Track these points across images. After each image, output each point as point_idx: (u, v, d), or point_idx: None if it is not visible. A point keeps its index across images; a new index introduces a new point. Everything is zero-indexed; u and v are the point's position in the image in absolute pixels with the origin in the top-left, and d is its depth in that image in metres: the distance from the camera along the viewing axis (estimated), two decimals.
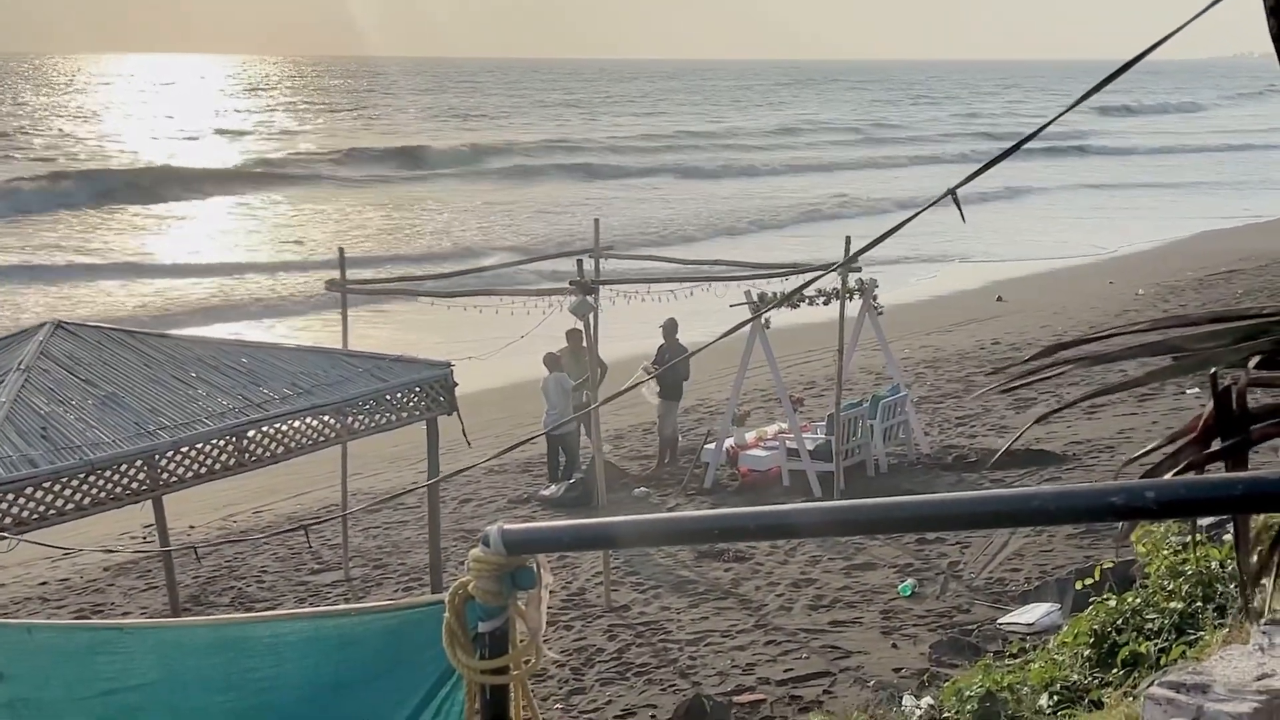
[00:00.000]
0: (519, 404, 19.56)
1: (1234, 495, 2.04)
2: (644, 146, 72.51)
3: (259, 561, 14.95)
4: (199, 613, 13.35)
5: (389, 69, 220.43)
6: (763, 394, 20.19)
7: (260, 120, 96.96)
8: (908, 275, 33.58)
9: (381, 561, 14.74)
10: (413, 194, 55.63)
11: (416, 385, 10.48)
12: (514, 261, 16.37)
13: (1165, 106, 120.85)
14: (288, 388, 9.69)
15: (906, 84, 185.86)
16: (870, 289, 16.97)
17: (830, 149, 75.44)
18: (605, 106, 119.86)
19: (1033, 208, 51.53)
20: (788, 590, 12.79)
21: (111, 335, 9.94)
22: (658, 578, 13.44)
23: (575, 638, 11.95)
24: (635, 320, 18.35)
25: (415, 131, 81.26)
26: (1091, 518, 2.18)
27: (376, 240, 42.57)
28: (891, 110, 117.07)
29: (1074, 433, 17.21)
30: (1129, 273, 32.66)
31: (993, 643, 10.64)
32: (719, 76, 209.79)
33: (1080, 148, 74.87)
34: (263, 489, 17.23)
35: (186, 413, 9.14)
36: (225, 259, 38.21)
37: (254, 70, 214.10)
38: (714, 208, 50.67)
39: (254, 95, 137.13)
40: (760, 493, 16.09)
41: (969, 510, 2.26)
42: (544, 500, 16.57)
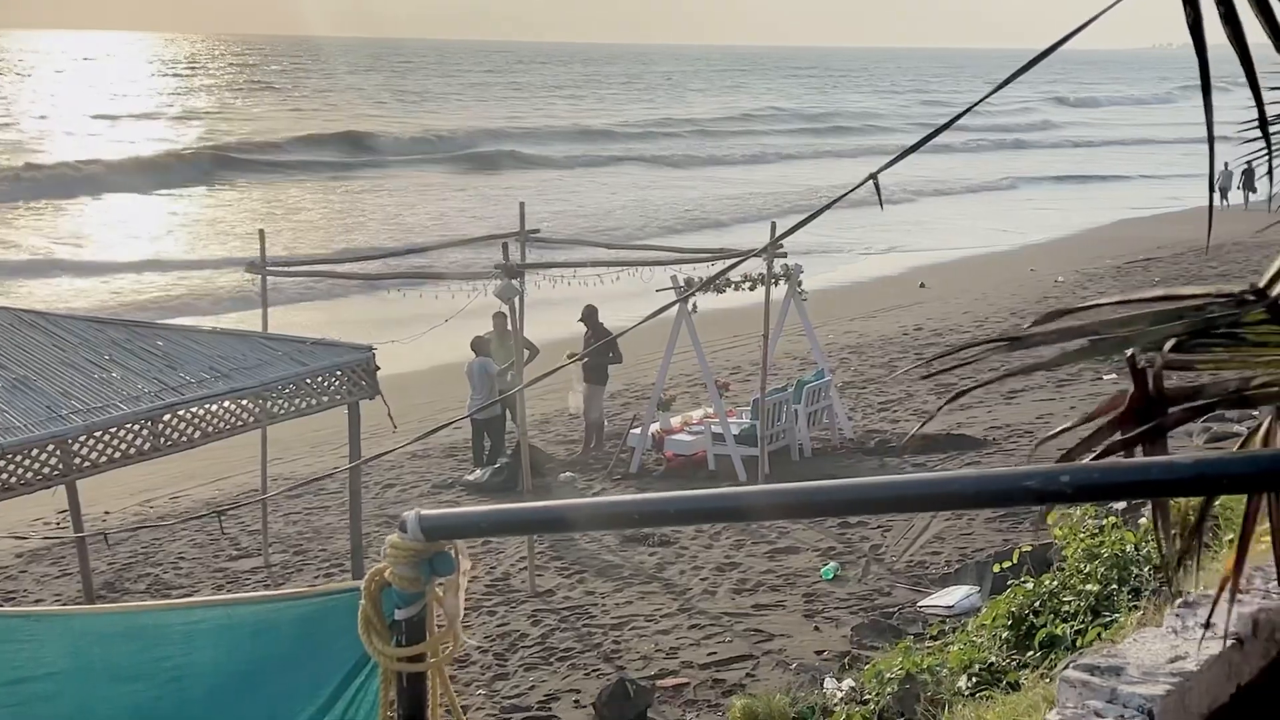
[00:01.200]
0: (444, 388, 19.43)
1: (1148, 480, 2.05)
2: (608, 133, 71.68)
3: (176, 547, 14.71)
4: (113, 600, 13.11)
5: (326, 48, 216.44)
6: (688, 379, 20.22)
7: (190, 103, 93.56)
8: (833, 261, 33.83)
9: (302, 547, 14.57)
10: (356, 183, 54.58)
11: (338, 369, 10.34)
12: (439, 244, 16.21)
13: (1117, 99, 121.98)
14: (205, 371, 9.50)
15: (853, 71, 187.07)
16: (795, 275, 17.04)
17: (787, 136, 75.66)
18: (548, 91, 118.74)
19: (960, 199, 52.15)
20: (712, 574, 12.83)
21: (23, 317, 9.70)
22: (583, 562, 13.41)
23: (499, 623, 11.90)
24: (563, 304, 18.31)
25: (356, 116, 79.29)
26: (1008, 502, 2.18)
27: (315, 234, 41.29)
28: (851, 97, 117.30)
29: (994, 417, 17.44)
30: (1049, 260, 33.15)
31: (913, 625, 10.76)
32: (659, 61, 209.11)
33: (1018, 141, 76.21)
34: (181, 474, 16.96)
35: (100, 396, 8.94)
36: (148, 255, 36.16)
37: (181, 49, 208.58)
38: (676, 197, 50.31)
39: (185, 76, 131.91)
40: (686, 477, 16.12)
41: (888, 494, 2.25)
42: (469, 485, 16.47)
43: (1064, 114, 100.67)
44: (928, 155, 56.92)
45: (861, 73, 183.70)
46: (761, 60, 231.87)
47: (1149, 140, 75.94)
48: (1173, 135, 73.61)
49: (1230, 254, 29.16)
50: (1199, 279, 27.78)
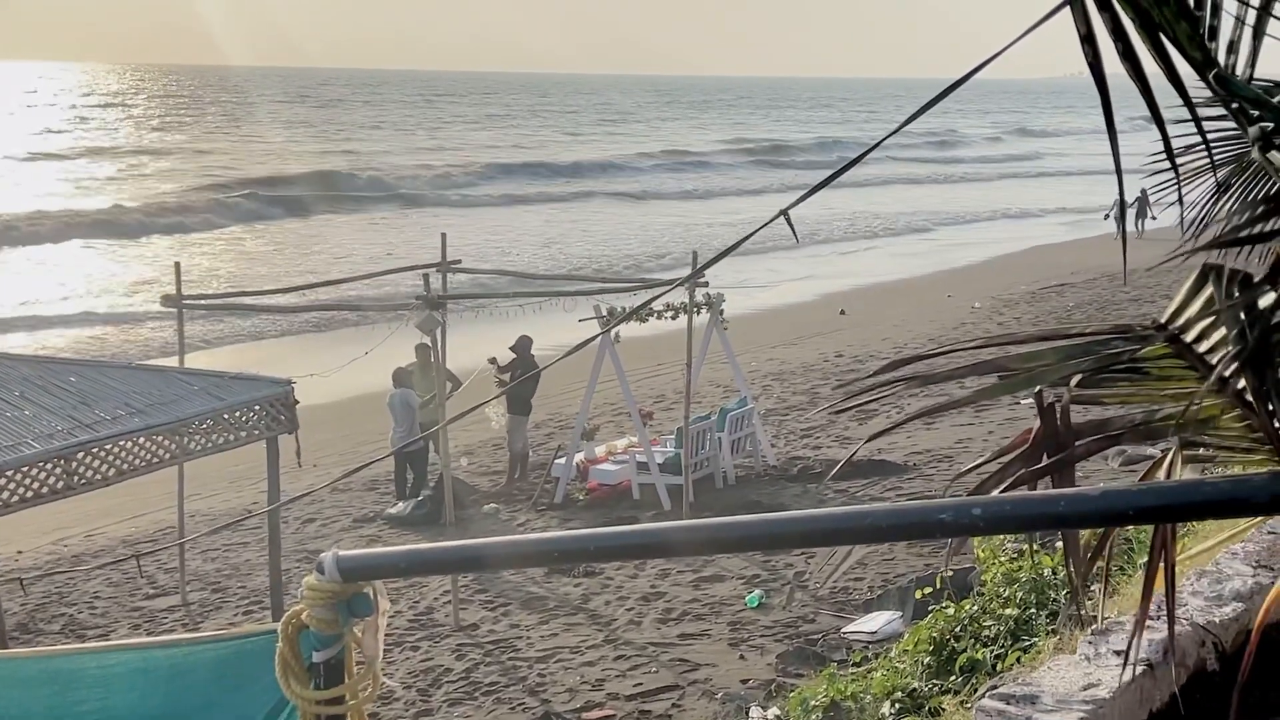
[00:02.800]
0: (363, 421, 19.27)
1: (1056, 512, 2.10)
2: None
3: (91, 587, 14.38)
4: (27, 642, 12.79)
5: (242, 77, 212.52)
6: (613, 408, 20.24)
7: (106, 142, 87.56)
8: (753, 290, 34.07)
9: (220, 585, 14.33)
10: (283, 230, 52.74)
11: (256, 403, 10.22)
12: (358, 276, 16.09)
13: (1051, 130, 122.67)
14: (120, 407, 9.35)
15: (788, 101, 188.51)
16: (717, 304, 17.15)
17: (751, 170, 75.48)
18: (476, 122, 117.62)
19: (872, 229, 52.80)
20: (637, 604, 12.82)
21: None
22: (507, 594, 13.33)
23: (422, 658, 11.78)
24: (485, 336, 18.25)
25: (277, 154, 77.38)
26: (922, 535, 2.21)
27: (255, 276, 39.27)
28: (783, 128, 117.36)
29: (914, 443, 17.63)
30: (965, 286, 33.64)
31: (838, 651, 10.83)
32: (584, 92, 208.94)
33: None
34: (96, 511, 16.60)
35: (12, 434, 8.76)
36: (79, 306, 33.18)
37: (96, 79, 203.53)
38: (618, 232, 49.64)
39: (103, 108, 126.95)
40: (611, 507, 16.11)
41: (803, 529, 2.29)
42: (391, 519, 16.32)
43: (1021, 144, 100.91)
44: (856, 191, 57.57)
45: (808, 102, 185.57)
46: (707, 90, 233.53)
47: (1084, 171, 76.92)
48: (1104, 166, 74.48)
49: (1142, 279, 29.80)
50: (1113, 304, 28.38)
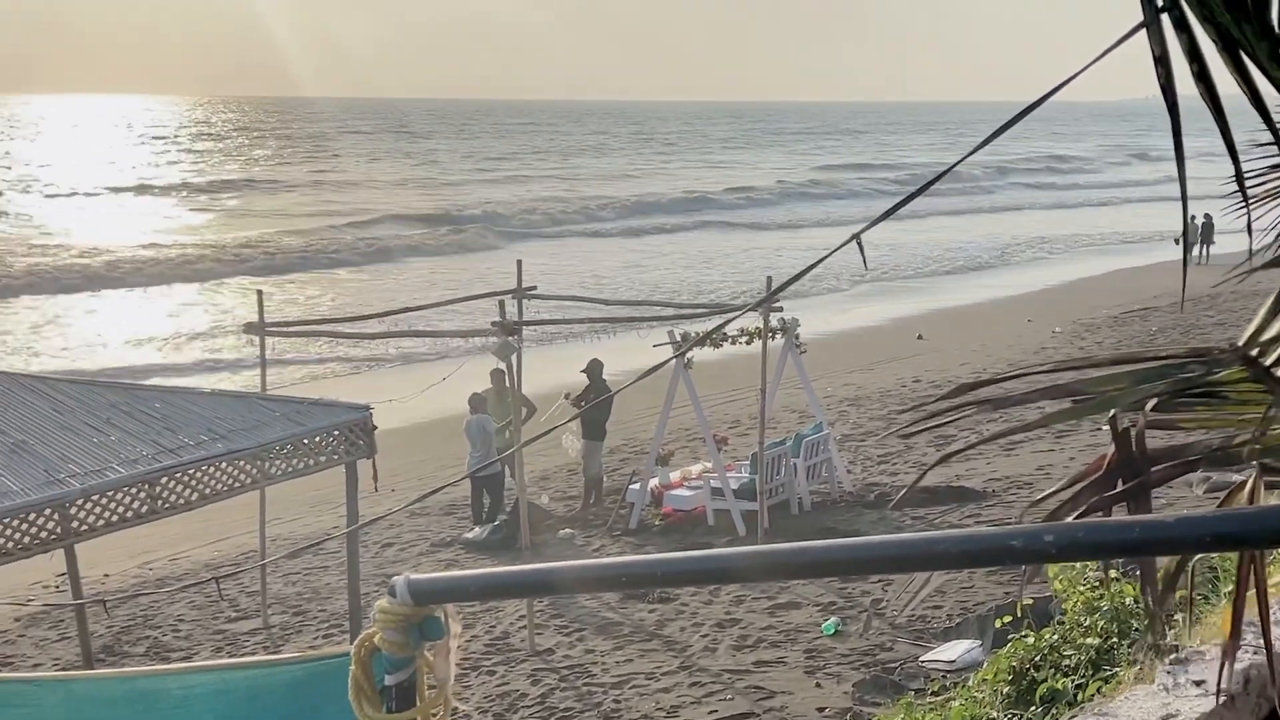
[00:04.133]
0: (442, 446, 19.42)
1: (1130, 539, 2.06)
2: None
3: (175, 610, 14.64)
4: (112, 663, 13.04)
5: (327, 109, 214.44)
6: (687, 433, 20.22)
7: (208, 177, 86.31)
8: (831, 313, 33.93)
9: (301, 608, 14.50)
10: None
11: (335, 429, 10.35)
12: (438, 303, 16.26)
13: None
14: (203, 433, 9.51)
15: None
16: (792, 328, 17.09)
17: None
18: (597, 151, 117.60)
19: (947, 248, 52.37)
20: (712, 631, 12.77)
21: (21, 382, 9.73)
22: (582, 620, 13.35)
23: (498, 683, 11.82)
24: (560, 361, 18.36)
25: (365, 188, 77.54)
26: (992, 562, 2.18)
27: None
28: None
29: (993, 469, 17.42)
30: (1045, 310, 33.22)
31: (915, 680, 10.70)
32: (665, 119, 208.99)
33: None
34: (180, 535, 16.91)
35: (98, 459, 8.94)
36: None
37: (189, 112, 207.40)
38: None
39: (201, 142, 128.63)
40: (685, 533, 16.09)
41: (872, 555, 2.26)
42: (468, 543, 16.42)
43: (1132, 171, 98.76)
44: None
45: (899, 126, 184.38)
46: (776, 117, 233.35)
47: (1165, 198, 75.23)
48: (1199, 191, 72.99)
49: (1228, 304, 29.22)
50: (1197, 328, 27.84)
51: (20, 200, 68.19)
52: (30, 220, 60.85)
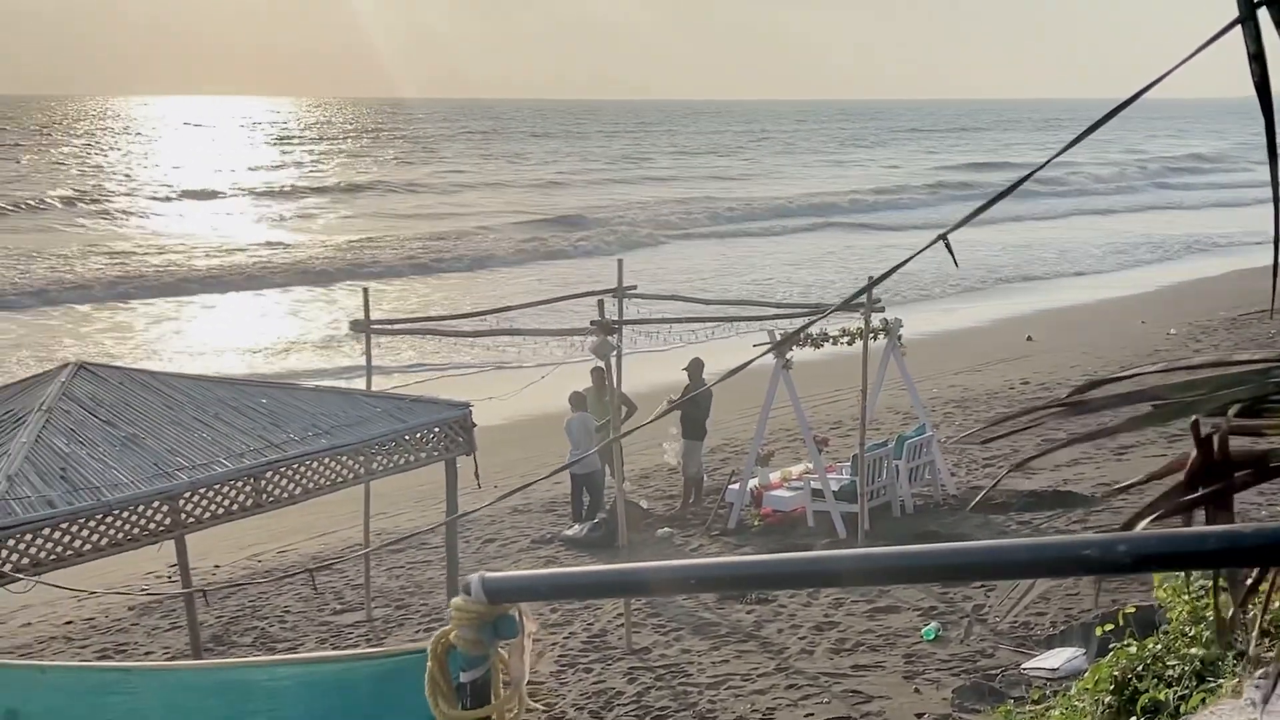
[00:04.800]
0: (543, 443, 19.56)
1: (1206, 549, 2.01)
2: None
3: (282, 601, 14.95)
4: (220, 653, 13.36)
5: (434, 111, 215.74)
6: (789, 434, 20.10)
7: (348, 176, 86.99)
8: (939, 314, 33.51)
9: (404, 602, 14.71)
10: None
11: (436, 425, 10.49)
12: (538, 302, 16.40)
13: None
14: (307, 428, 9.71)
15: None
16: (895, 329, 16.90)
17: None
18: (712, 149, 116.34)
19: (1062, 244, 51.39)
20: (810, 633, 12.68)
21: (133, 376, 10.01)
22: (680, 619, 13.35)
23: (595, 680, 11.87)
24: (660, 360, 18.39)
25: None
26: (1065, 571, 2.14)
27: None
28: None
29: (1102, 474, 17.05)
30: (1161, 312, 32.42)
31: (1016, 688, 10.51)
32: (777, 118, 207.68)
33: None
34: (288, 528, 17.28)
35: (206, 453, 9.18)
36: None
37: (318, 114, 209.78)
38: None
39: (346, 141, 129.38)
40: (785, 534, 16.00)
41: (942, 563, 2.23)
42: (567, 540, 16.52)
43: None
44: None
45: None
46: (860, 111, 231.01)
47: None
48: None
49: None
50: None
51: (135, 202, 69.41)
52: (146, 222, 62.02)
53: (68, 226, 58.22)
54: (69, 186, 73.66)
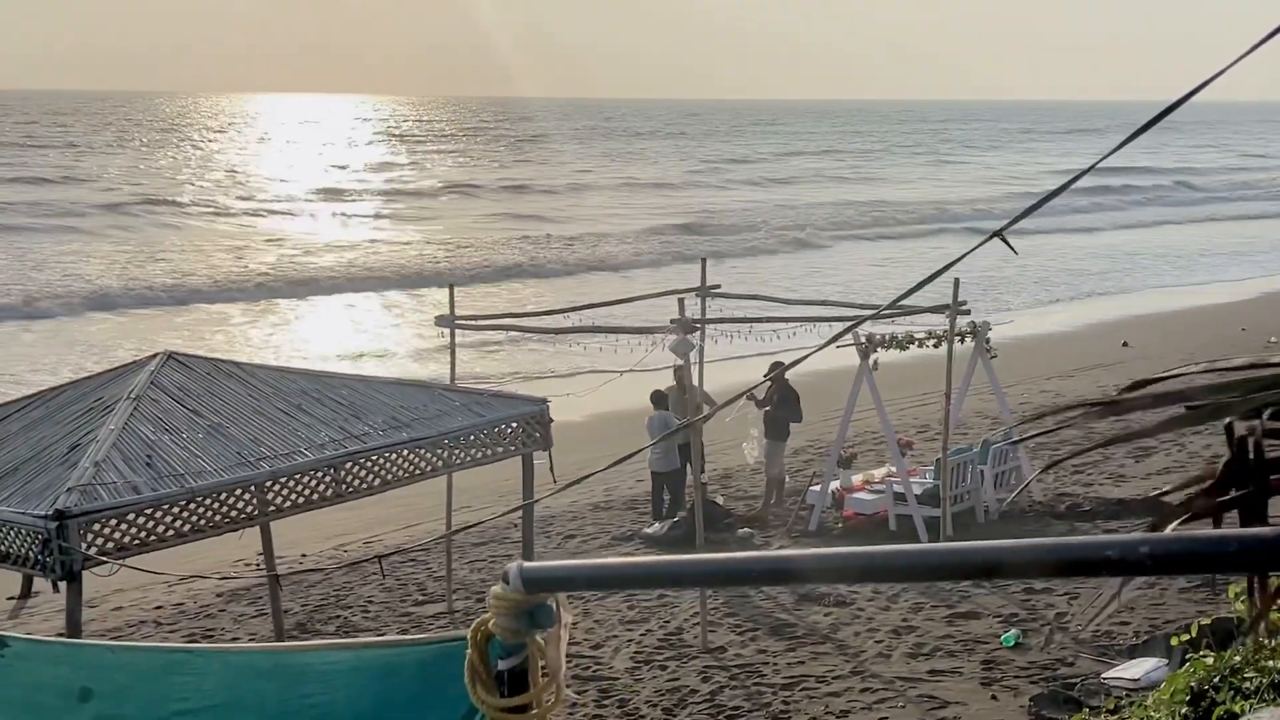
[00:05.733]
0: (625, 441, 19.60)
1: (1229, 553, 1.98)
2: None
3: (366, 591, 15.18)
4: (304, 640, 13.61)
5: (545, 111, 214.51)
6: (874, 436, 19.94)
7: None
8: (1033, 317, 33.01)
9: (484, 594, 14.80)
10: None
11: (514, 420, 10.59)
12: (620, 300, 16.46)
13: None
14: (387, 421, 9.86)
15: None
16: (983, 332, 16.69)
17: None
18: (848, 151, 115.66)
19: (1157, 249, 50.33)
20: (887, 637, 12.59)
21: (221, 367, 10.24)
22: (756, 619, 13.32)
23: (669, 678, 11.89)
24: (742, 359, 18.35)
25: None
26: (1087, 572, 2.12)
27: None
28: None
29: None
30: (1261, 318, 31.58)
31: (1095, 697, 10.33)
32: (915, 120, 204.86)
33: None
34: (374, 519, 17.53)
35: (288, 443, 9.36)
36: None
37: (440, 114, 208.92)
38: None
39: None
40: (866, 536, 15.88)
41: (960, 561, 2.22)
42: (647, 538, 16.57)
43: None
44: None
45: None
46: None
47: None
48: None
49: None
50: None
51: (234, 202, 68.51)
52: (242, 222, 61.22)
53: (182, 223, 58.52)
54: (191, 184, 74.07)
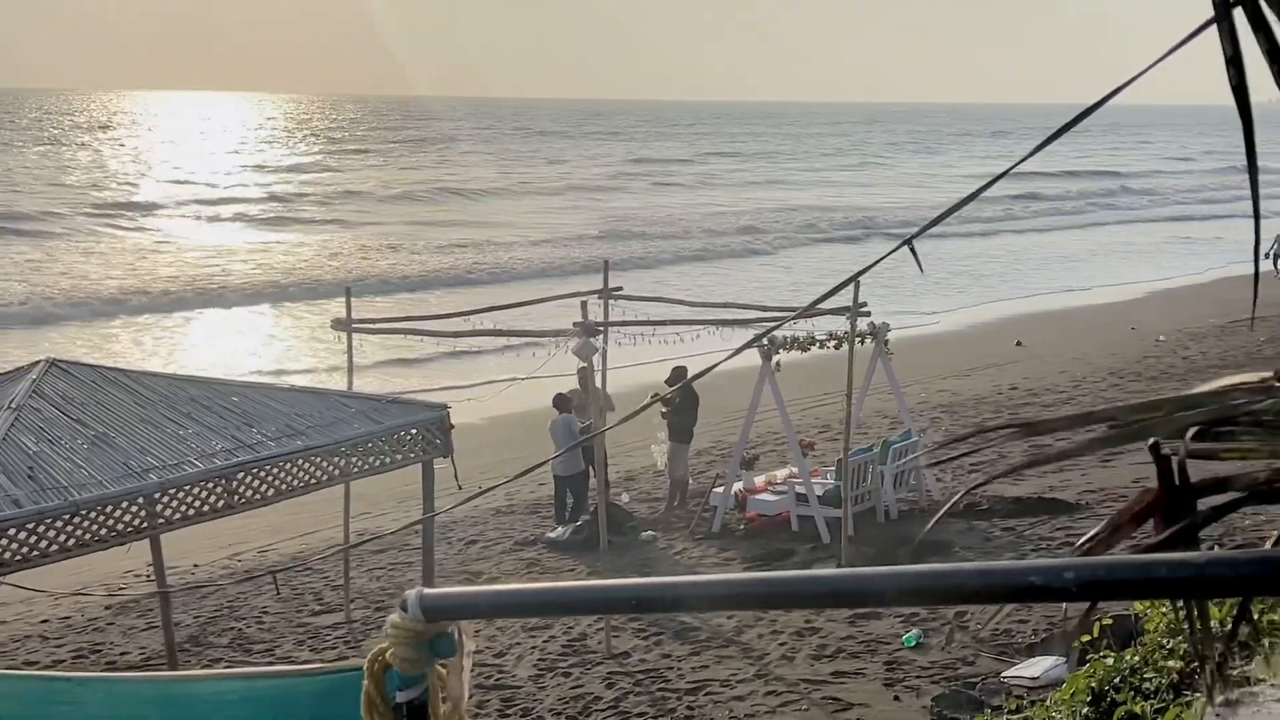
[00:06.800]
0: (530, 445, 19.45)
1: (1156, 578, 1.91)
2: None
3: (260, 602, 14.82)
4: (197, 653, 13.25)
5: (445, 110, 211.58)
6: (776, 437, 20.01)
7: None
8: (928, 318, 33.44)
9: (384, 604, 14.58)
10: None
11: (413, 427, 10.38)
12: (521, 303, 16.28)
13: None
14: (280, 429, 9.59)
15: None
16: (882, 333, 16.81)
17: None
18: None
19: (1051, 249, 51.41)
20: (791, 639, 12.59)
21: (106, 375, 9.89)
22: (660, 624, 13.24)
23: (573, 685, 11.77)
24: (645, 361, 18.29)
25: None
26: (1010, 598, 2.04)
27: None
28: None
29: (1088, 481, 16.98)
30: (1149, 317, 32.37)
31: (996, 696, 10.41)
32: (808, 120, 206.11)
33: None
34: (270, 527, 17.16)
35: (177, 453, 9.06)
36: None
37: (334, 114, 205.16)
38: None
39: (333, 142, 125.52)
40: (769, 538, 15.91)
41: (887, 586, 2.14)
42: (550, 542, 16.42)
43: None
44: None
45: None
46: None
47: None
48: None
49: None
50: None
51: (117, 208, 63.52)
52: (159, 229, 57.68)
53: (68, 232, 55.80)
54: (71, 187, 70.85)
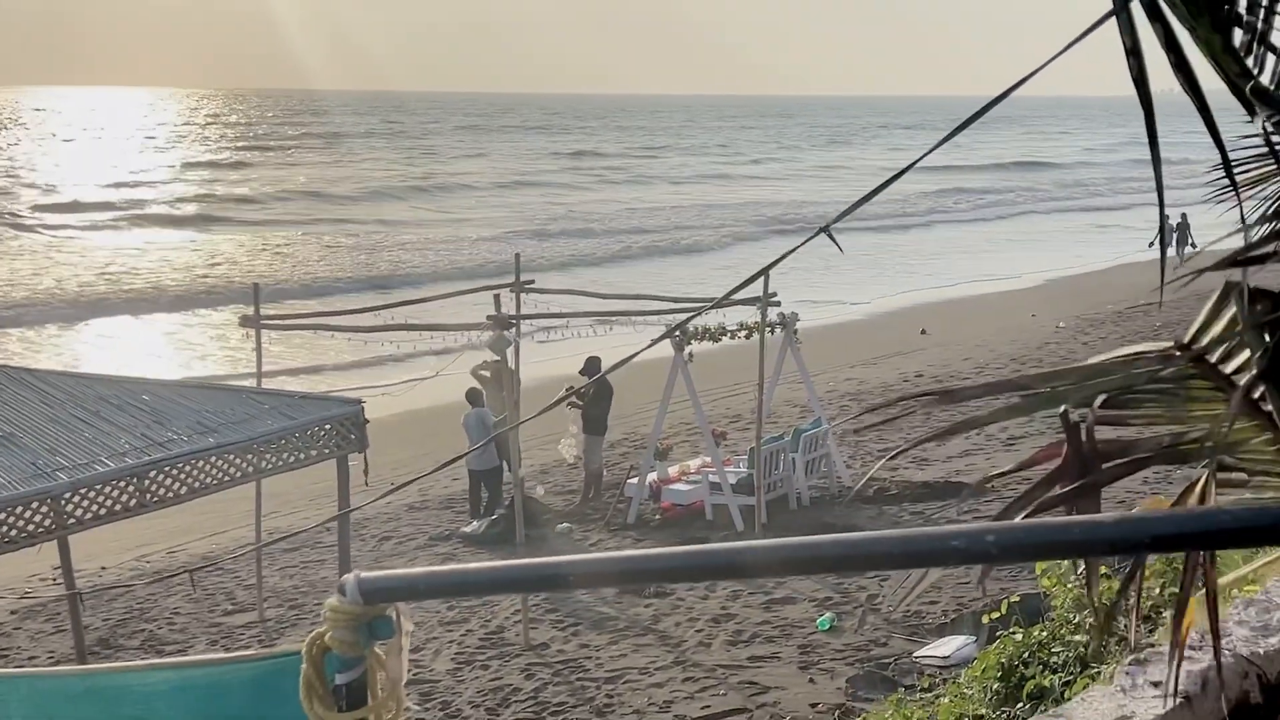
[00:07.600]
0: (445, 440, 19.39)
1: (1071, 539, 2.03)
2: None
3: (171, 603, 14.63)
4: (107, 656, 13.03)
5: (335, 102, 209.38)
6: (688, 427, 20.17)
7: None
8: (835, 307, 33.87)
9: (297, 602, 14.49)
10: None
11: (327, 422, 10.30)
12: (434, 296, 16.23)
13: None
14: (192, 427, 9.48)
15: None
16: (791, 323, 17.03)
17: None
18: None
19: (955, 237, 52.31)
20: (707, 626, 12.74)
21: (10, 373, 9.70)
22: (578, 614, 13.32)
23: (491, 677, 11.80)
24: (558, 354, 18.32)
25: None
26: (934, 562, 2.15)
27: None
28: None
29: (993, 464, 17.34)
30: (1049, 304, 33.10)
31: (909, 676, 10.66)
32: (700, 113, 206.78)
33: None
34: (179, 527, 16.90)
35: (86, 453, 8.91)
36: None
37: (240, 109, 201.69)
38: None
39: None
40: (684, 527, 16.04)
41: (807, 555, 2.22)
42: (465, 537, 16.40)
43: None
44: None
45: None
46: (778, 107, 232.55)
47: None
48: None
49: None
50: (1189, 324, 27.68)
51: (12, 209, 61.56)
52: (47, 235, 54.90)
53: None
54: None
